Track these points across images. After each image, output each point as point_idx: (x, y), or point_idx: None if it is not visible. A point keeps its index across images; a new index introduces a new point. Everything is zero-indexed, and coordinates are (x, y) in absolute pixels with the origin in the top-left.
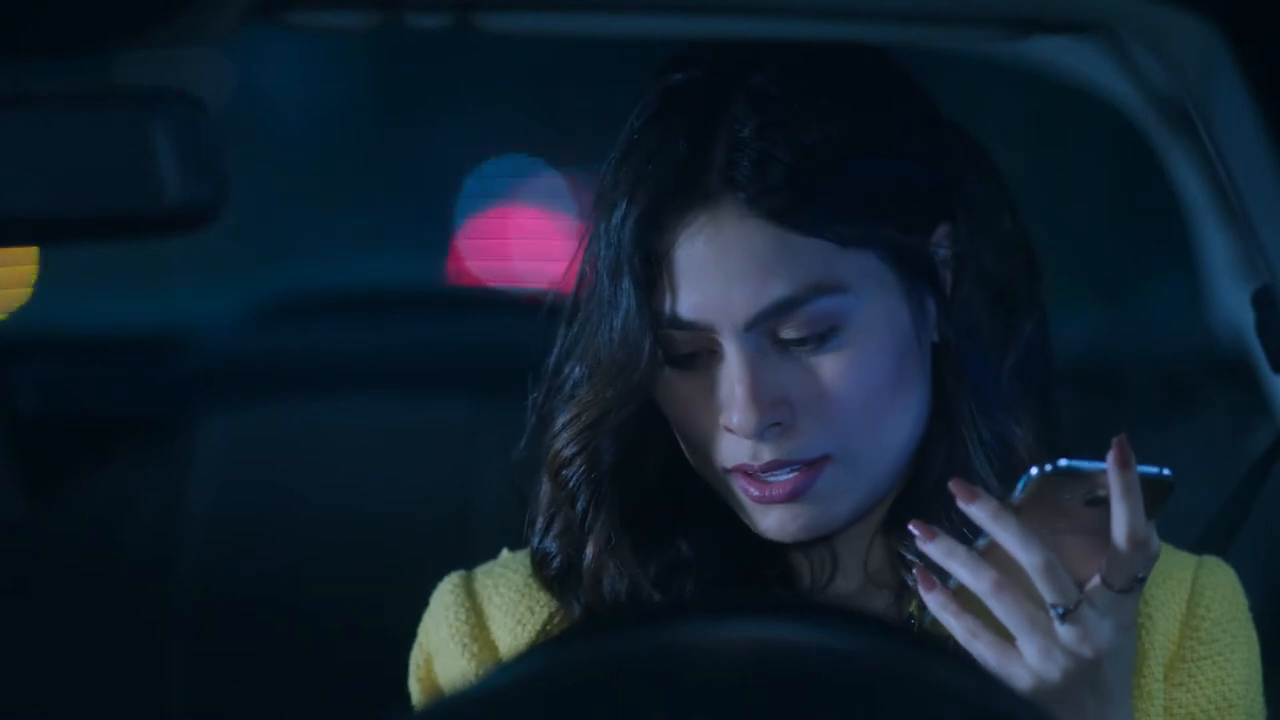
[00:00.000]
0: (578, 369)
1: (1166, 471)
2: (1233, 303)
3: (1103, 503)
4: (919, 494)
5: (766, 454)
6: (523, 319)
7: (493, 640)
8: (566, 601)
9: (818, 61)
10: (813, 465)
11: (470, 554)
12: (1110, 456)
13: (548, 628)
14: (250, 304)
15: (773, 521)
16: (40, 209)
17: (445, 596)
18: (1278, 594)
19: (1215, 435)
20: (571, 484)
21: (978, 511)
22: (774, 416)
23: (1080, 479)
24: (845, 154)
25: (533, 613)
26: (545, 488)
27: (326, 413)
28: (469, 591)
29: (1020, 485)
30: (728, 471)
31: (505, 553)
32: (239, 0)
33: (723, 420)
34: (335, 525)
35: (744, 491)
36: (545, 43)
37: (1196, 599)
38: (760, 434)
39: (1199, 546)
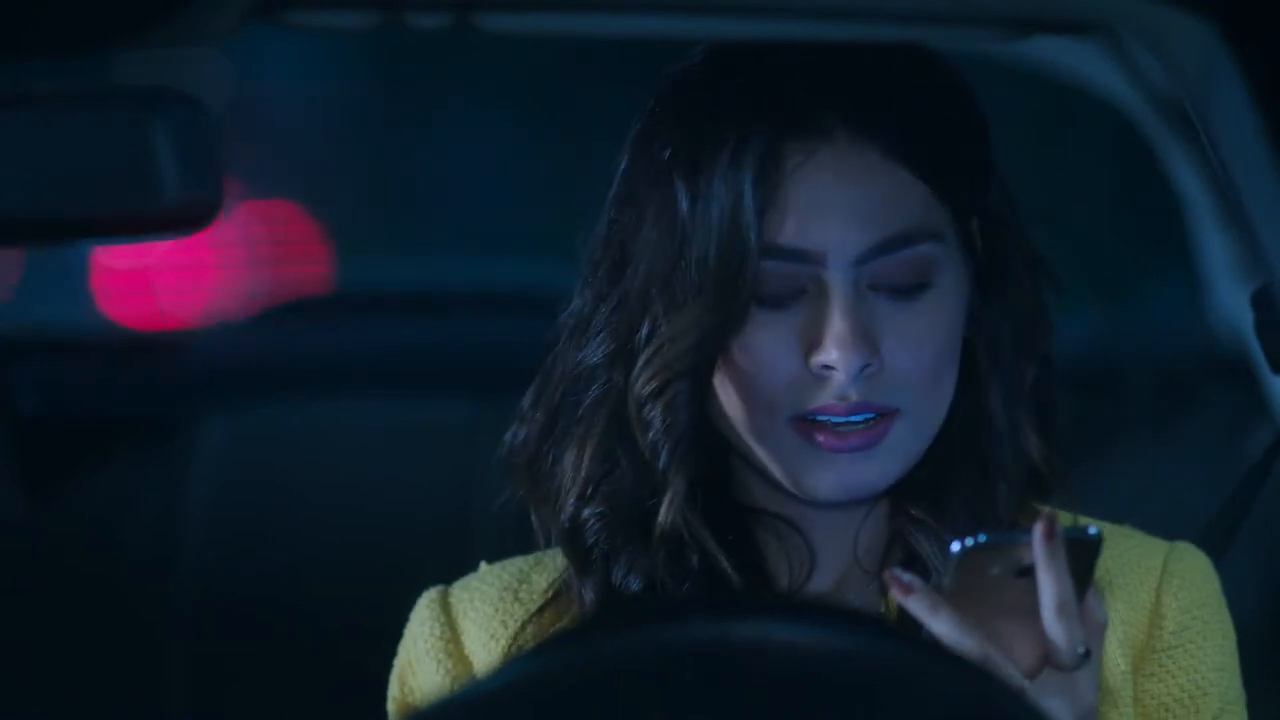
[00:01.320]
0: (645, 326)
1: (1093, 530)
2: (1232, 303)
3: (1032, 573)
4: (931, 475)
5: (854, 394)
6: (523, 319)
7: (466, 655)
8: (586, 582)
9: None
10: (885, 417)
11: (470, 554)
12: (1036, 530)
13: (519, 639)
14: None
15: (832, 476)
16: (40, 209)
17: (421, 612)
18: (1278, 594)
19: (1215, 435)
20: (656, 427)
21: (914, 605)
22: (869, 357)
23: (1004, 551)
24: (934, 103)
25: (505, 626)
26: (592, 448)
27: (326, 413)
28: (444, 606)
29: (947, 566)
30: (800, 419)
31: (483, 566)
32: (239, 0)
33: (818, 359)
34: (335, 525)
35: (812, 440)
36: (545, 43)
37: (1165, 586)
38: (858, 372)
39: (1199, 547)
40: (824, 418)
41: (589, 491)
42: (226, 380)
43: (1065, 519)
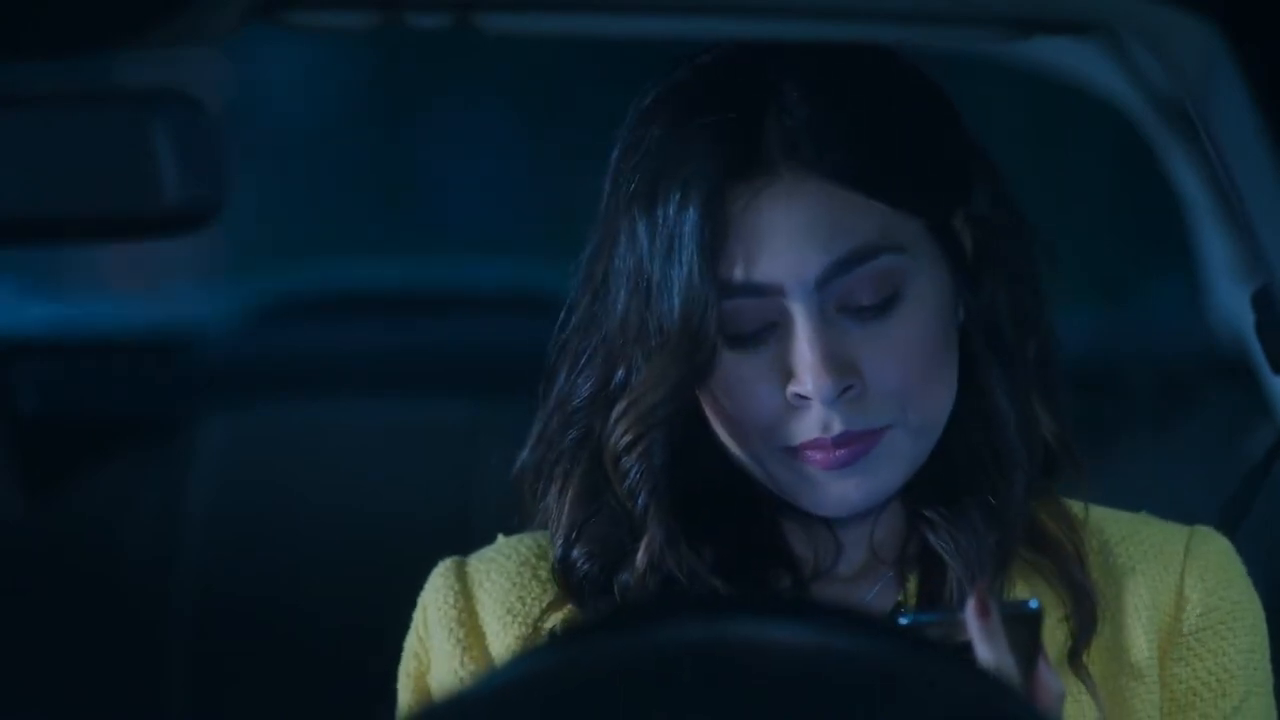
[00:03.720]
0: (620, 370)
1: (1034, 604)
2: (1233, 303)
3: (972, 649)
4: (942, 472)
5: (838, 424)
6: (523, 319)
7: (480, 627)
8: (586, 604)
9: (838, 47)
10: (877, 433)
11: (470, 554)
12: (969, 606)
13: (538, 625)
14: (250, 304)
15: (834, 493)
16: (40, 209)
17: (436, 581)
18: (1278, 593)
19: (1215, 436)
20: (632, 476)
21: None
22: (847, 381)
23: (941, 629)
24: (887, 119)
25: (524, 603)
26: (574, 490)
27: (327, 413)
28: (460, 576)
29: None
30: (791, 450)
31: (500, 538)
32: (239, 0)
33: (793, 389)
34: (335, 525)
35: (809, 462)
36: (545, 43)
37: (1189, 569)
38: (834, 398)
39: None
40: (811, 452)
41: (574, 535)
42: (226, 380)
43: (1077, 508)
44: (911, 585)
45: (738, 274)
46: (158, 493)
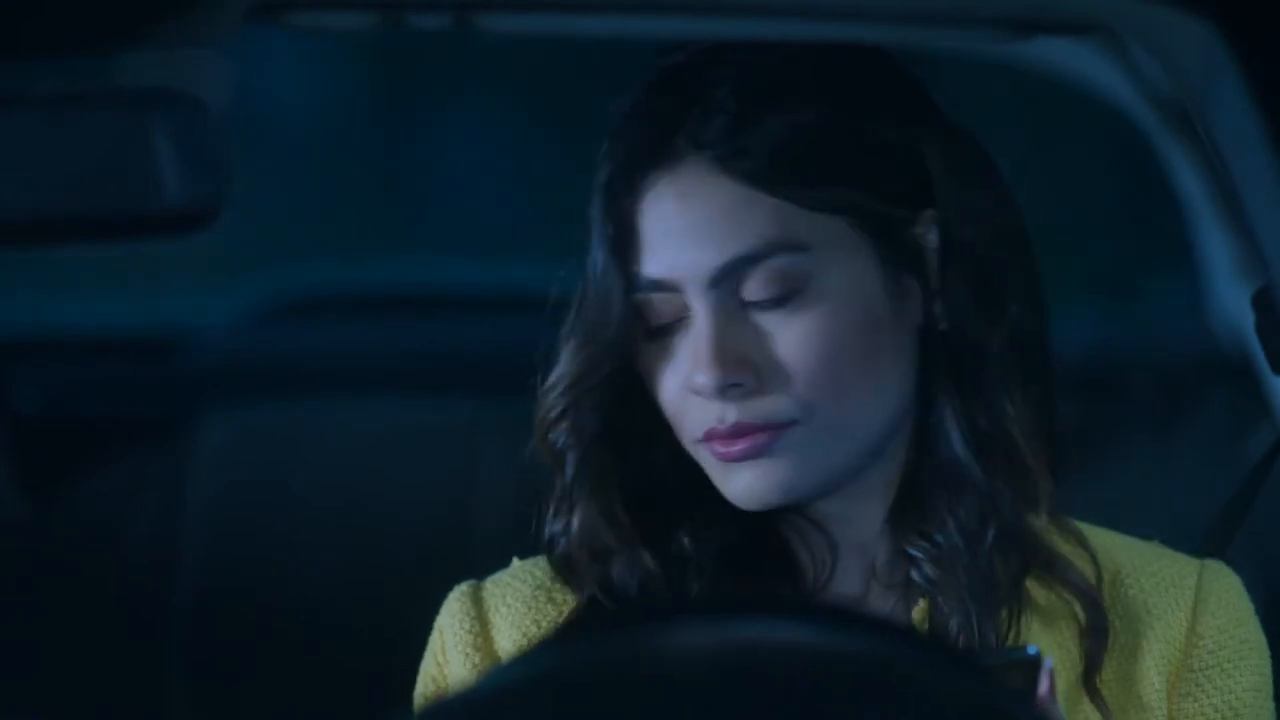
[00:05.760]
0: (572, 339)
1: (1032, 650)
2: (1233, 303)
3: None
4: (918, 485)
5: (732, 415)
6: (523, 319)
7: (495, 651)
8: (577, 587)
9: (801, 45)
10: (776, 428)
11: (471, 555)
12: None
13: None
14: (250, 304)
15: (742, 484)
16: (40, 209)
17: (452, 605)
18: (1277, 596)
19: (1215, 437)
20: (559, 447)
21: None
22: (735, 376)
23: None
24: (814, 119)
25: (538, 626)
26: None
27: (327, 413)
28: (475, 600)
29: None
30: (699, 442)
31: (515, 561)
32: (239, 0)
33: (688, 381)
34: (335, 525)
35: (714, 453)
36: (545, 43)
37: (1201, 607)
38: (722, 391)
39: (1200, 549)
40: (714, 443)
41: (556, 504)
42: (226, 380)
43: (1086, 529)
44: (919, 613)
45: (647, 268)
46: (158, 493)
